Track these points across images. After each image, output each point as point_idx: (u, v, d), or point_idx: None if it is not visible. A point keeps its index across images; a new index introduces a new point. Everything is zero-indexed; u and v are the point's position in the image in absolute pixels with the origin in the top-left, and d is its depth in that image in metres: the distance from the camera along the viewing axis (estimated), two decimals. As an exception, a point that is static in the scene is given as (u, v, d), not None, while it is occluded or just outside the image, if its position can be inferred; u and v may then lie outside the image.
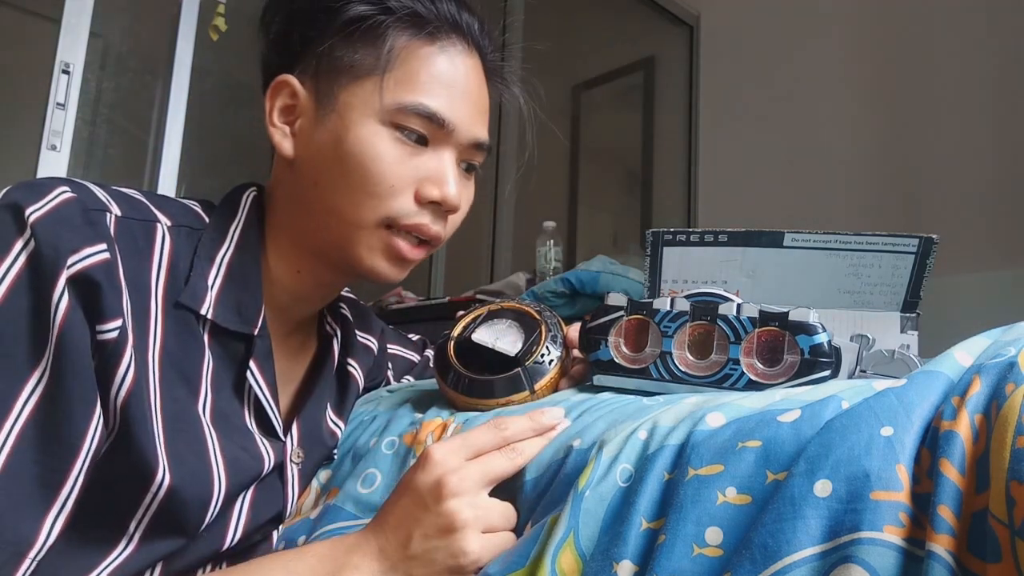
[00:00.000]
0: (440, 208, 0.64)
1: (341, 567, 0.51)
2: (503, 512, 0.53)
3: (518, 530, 0.53)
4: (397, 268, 0.65)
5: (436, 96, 0.62)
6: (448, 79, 0.63)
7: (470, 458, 0.53)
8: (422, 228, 0.63)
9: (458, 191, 0.64)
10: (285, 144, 0.64)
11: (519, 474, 0.55)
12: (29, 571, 0.46)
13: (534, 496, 0.53)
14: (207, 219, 0.63)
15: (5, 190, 0.51)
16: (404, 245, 0.63)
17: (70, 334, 0.48)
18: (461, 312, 0.73)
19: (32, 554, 0.46)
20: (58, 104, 1.56)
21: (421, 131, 0.62)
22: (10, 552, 0.45)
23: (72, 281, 0.49)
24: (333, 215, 0.62)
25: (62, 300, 0.48)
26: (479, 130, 0.65)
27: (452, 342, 0.69)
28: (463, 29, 0.65)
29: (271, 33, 0.66)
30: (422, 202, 0.62)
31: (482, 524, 0.51)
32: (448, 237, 0.68)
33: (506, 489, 0.54)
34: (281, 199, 0.66)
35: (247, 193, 0.66)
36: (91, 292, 0.49)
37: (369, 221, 0.62)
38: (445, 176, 0.63)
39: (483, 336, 0.68)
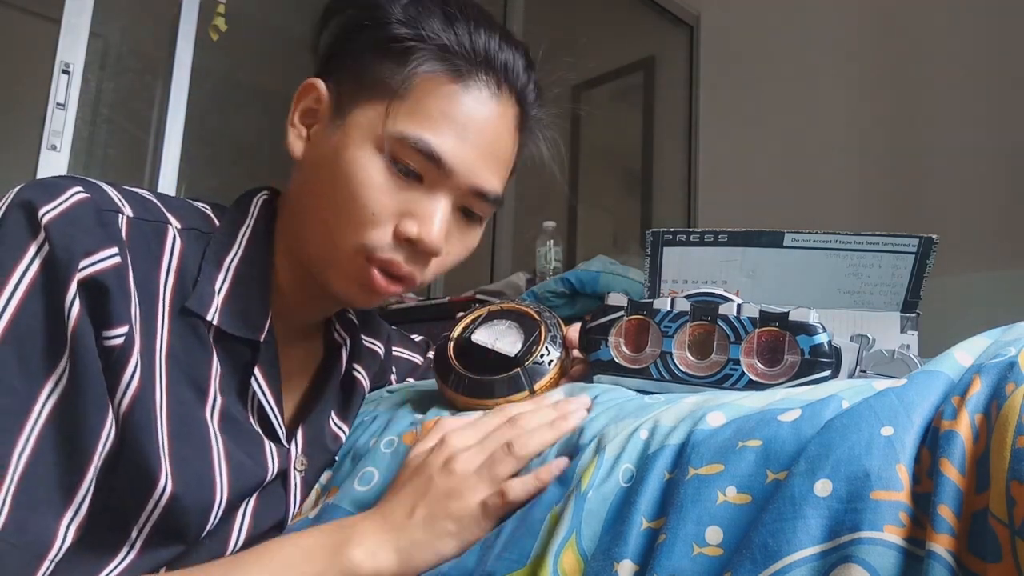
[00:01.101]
0: (417, 248, 0.60)
1: (348, 537, 0.52)
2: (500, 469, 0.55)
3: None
4: (368, 297, 0.63)
5: (441, 134, 0.59)
6: (462, 119, 0.59)
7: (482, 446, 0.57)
8: (393, 265, 0.60)
9: (440, 234, 0.60)
10: (296, 145, 0.63)
11: None
12: (47, 573, 0.46)
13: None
14: (217, 223, 0.63)
15: (18, 188, 0.51)
16: (379, 278, 0.61)
17: (83, 338, 0.49)
18: (461, 313, 0.73)
19: (51, 556, 0.46)
20: (58, 104, 1.56)
21: (416, 166, 0.59)
22: (31, 555, 0.45)
23: (82, 285, 0.49)
24: (318, 228, 0.61)
25: (74, 304, 0.48)
26: (485, 178, 0.61)
27: (452, 343, 0.69)
28: (497, 70, 0.61)
29: (319, 36, 0.66)
30: (399, 238, 0.60)
31: (486, 482, 0.54)
32: (429, 280, 0.64)
33: None
34: (288, 205, 0.66)
35: (258, 197, 0.66)
36: (100, 297, 0.49)
37: (347, 246, 0.60)
38: (429, 216, 0.59)
39: (483, 337, 0.68)
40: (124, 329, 0.50)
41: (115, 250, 0.51)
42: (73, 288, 0.48)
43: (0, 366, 0.46)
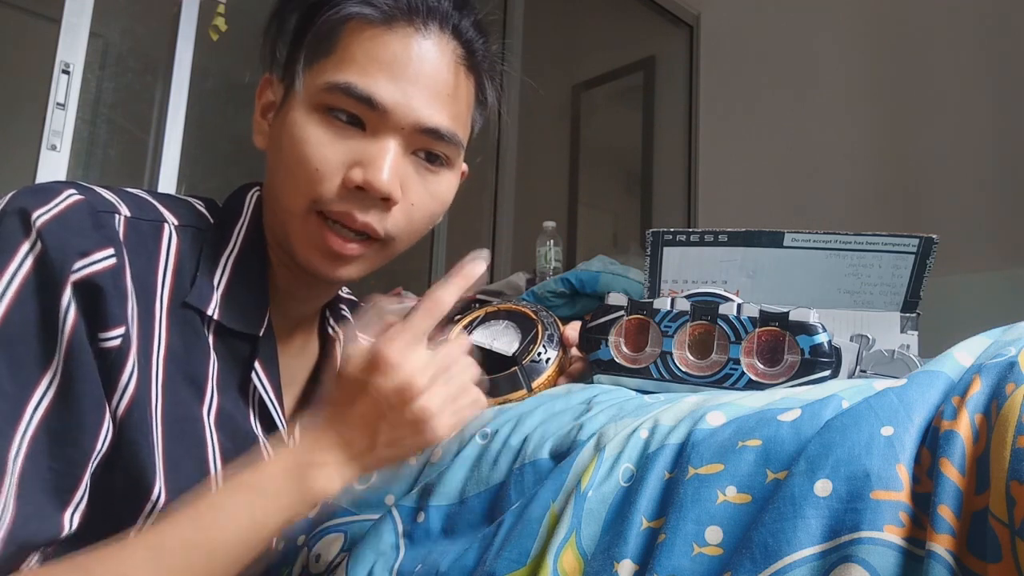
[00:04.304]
0: (368, 195, 0.58)
1: (307, 467, 0.51)
2: (470, 394, 0.56)
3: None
4: (333, 264, 0.61)
5: (369, 75, 0.57)
6: (389, 59, 0.57)
7: (422, 348, 0.54)
8: (347, 216, 0.58)
9: (390, 176, 0.57)
10: (258, 138, 0.64)
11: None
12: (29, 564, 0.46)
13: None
14: (212, 219, 0.63)
15: (12, 194, 0.51)
16: (334, 238, 0.59)
17: (78, 340, 0.48)
18: (459, 316, 0.73)
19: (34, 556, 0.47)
20: (58, 104, 1.56)
21: (351, 111, 0.57)
22: (18, 549, 0.45)
23: (77, 287, 0.49)
24: (276, 203, 0.61)
25: (70, 306, 0.48)
26: (426, 114, 0.58)
27: (451, 342, 0.69)
28: (421, 10, 0.59)
29: (266, 35, 0.66)
30: (348, 187, 0.58)
31: (449, 408, 0.54)
32: (400, 232, 0.62)
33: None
34: (265, 195, 0.66)
35: (252, 193, 0.66)
36: (95, 299, 0.49)
37: (299, 207, 0.59)
38: (374, 159, 0.57)
39: (480, 337, 0.68)
40: (120, 330, 0.50)
41: (110, 251, 0.51)
42: (68, 290, 0.48)
43: None
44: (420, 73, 0.58)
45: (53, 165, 1.54)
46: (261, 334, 0.61)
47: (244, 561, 0.50)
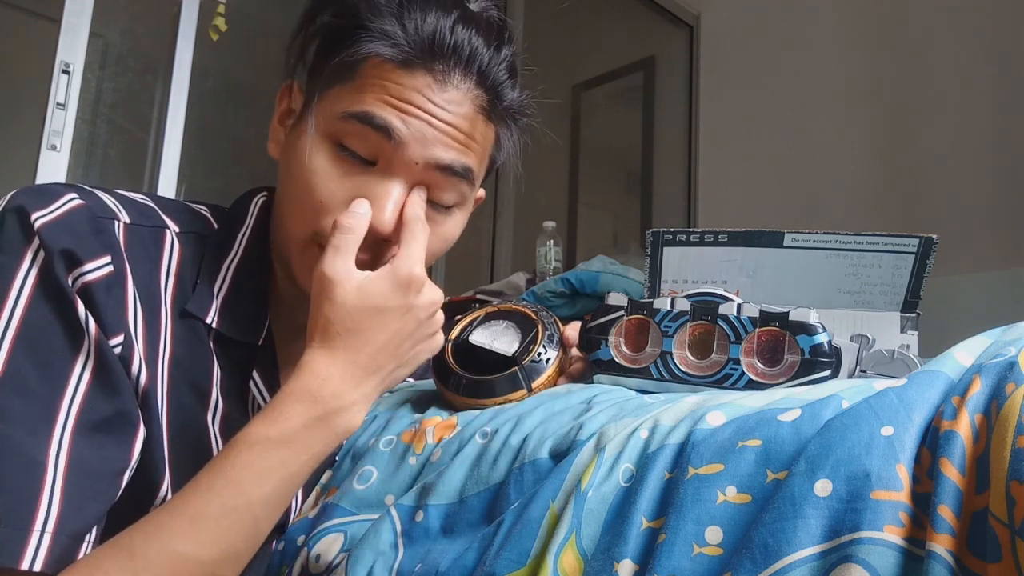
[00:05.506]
0: (369, 234, 0.56)
1: (334, 414, 0.52)
2: None
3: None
4: None
5: (386, 110, 0.55)
6: (408, 98, 0.56)
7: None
8: None
9: (391, 217, 0.56)
10: (273, 147, 0.63)
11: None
12: (85, 551, 0.47)
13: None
14: (216, 225, 0.63)
15: (12, 193, 0.50)
16: None
17: (101, 336, 0.49)
18: (459, 316, 0.73)
19: (90, 537, 0.47)
20: (58, 104, 1.56)
21: (366, 148, 0.56)
22: (71, 540, 0.46)
23: (76, 293, 0.49)
24: (281, 224, 0.61)
25: (79, 303, 0.49)
26: (441, 151, 0.57)
27: (450, 345, 0.69)
28: (446, 55, 0.57)
29: (298, 40, 0.64)
30: None
31: None
32: None
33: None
34: (274, 206, 0.65)
35: (257, 199, 0.66)
36: (90, 307, 0.49)
37: (300, 236, 0.58)
38: (380, 200, 0.56)
39: (480, 337, 0.68)
40: (119, 339, 0.50)
41: (107, 259, 0.51)
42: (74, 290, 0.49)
43: (18, 373, 0.46)
44: (438, 115, 0.57)
45: (53, 165, 1.54)
46: (260, 343, 0.61)
47: (283, 509, 0.51)
